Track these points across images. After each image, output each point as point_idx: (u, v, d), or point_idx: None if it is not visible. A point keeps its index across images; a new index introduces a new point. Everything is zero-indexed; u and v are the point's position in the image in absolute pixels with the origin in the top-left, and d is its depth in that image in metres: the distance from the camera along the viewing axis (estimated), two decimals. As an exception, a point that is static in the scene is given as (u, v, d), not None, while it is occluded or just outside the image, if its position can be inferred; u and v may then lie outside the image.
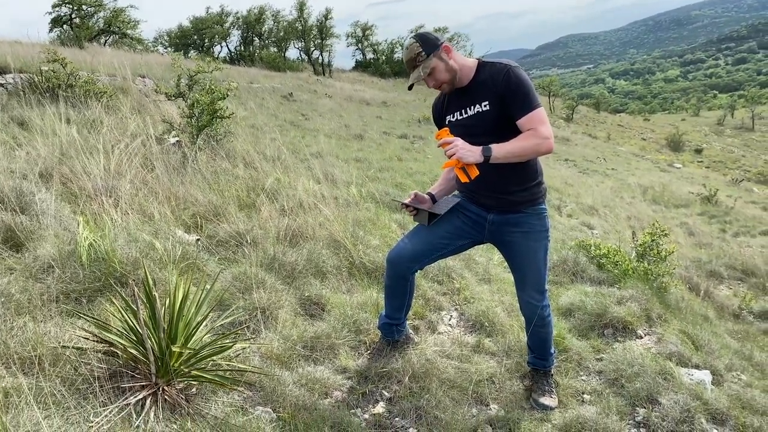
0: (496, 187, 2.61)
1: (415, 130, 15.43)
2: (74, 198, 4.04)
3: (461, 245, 2.83)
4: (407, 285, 2.91)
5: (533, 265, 2.72)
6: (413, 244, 2.78)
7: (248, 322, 3.03)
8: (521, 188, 2.62)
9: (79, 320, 2.59)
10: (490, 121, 2.47)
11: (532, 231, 2.67)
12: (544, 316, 2.82)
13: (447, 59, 2.45)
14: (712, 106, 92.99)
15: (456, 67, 2.48)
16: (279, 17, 42.19)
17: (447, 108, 2.66)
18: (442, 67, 2.45)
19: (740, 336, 4.93)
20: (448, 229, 2.75)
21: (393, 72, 44.07)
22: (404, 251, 2.78)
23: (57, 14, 26.65)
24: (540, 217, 2.68)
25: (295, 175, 5.77)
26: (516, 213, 2.65)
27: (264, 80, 19.49)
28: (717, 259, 7.85)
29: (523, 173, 2.60)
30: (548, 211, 2.80)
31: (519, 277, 2.80)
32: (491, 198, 2.66)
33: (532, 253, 2.70)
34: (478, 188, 2.65)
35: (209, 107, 6.00)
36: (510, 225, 2.67)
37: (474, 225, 2.74)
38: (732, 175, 30.20)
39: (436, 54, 2.43)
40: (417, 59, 2.43)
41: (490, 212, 2.69)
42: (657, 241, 5.13)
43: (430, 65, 2.43)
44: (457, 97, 2.58)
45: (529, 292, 2.78)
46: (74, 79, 7.05)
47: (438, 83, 2.50)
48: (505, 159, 2.36)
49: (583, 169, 17.97)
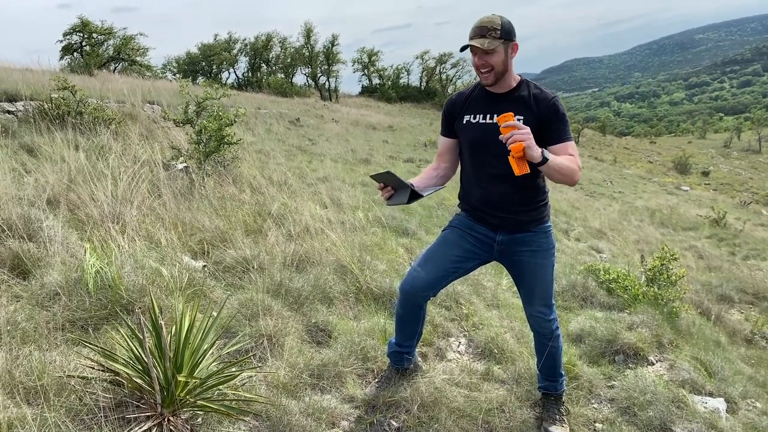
0: (505, 206, 2.60)
1: (421, 154, 15.48)
2: (81, 225, 4.04)
3: (471, 267, 2.81)
4: (420, 313, 2.88)
5: (541, 281, 2.72)
6: (426, 272, 2.73)
7: (255, 349, 3.00)
8: (529, 208, 2.62)
9: (84, 349, 2.57)
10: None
11: (540, 249, 2.67)
12: (552, 329, 2.82)
13: (510, 55, 2.46)
14: (718, 129, 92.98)
15: (509, 67, 2.48)
16: (286, 44, 42.76)
17: (468, 108, 2.62)
18: (502, 56, 2.43)
19: (754, 361, 4.85)
20: (458, 253, 2.74)
21: (399, 97, 44.47)
22: (418, 281, 2.73)
23: (68, 42, 27.10)
24: (547, 235, 2.69)
25: (301, 200, 5.78)
26: (524, 232, 2.65)
27: (271, 106, 19.66)
28: (727, 282, 7.76)
29: (533, 192, 2.60)
30: (554, 232, 2.80)
31: (526, 293, 2.80)
32: (499, 217, 2.65)
33: (541, 270, 2.70)
34: (487, 207, 2.65)
35: (217, 133, 6.04)
36: (518, 244, 2.67)
37: (482, 246, 2.73)
38: (740, 198, 30.06)
39: (506, 43, 2.43)
40: (490, 32, 2.40)
41: (498, 232, 2.68)
42: (667, 266, 5.08)
43: (495, 45, 2.40)
44: (487, 101, 2.56)
45: (536, 306, 2.78)
46: (84, 106, 7.13)
47: (488, 66, 2.45)
48: (552, 170, 2.33)
49: (590, 192, 17.93)
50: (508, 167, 2.34)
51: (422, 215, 6.94)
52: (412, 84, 48.44)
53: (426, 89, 47.08)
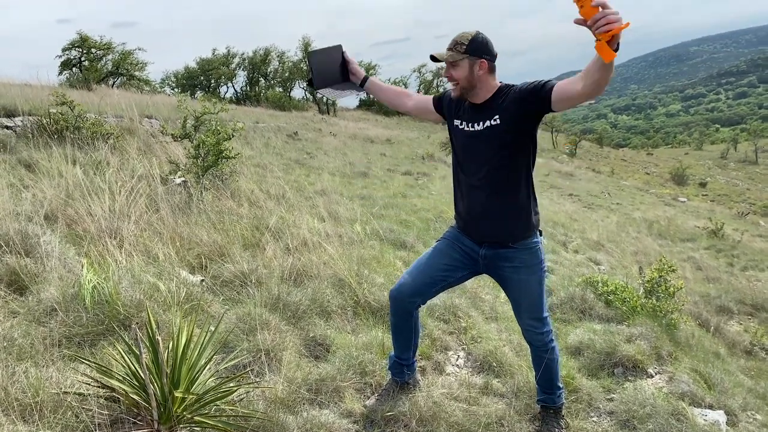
0: (487, 217, 2.62)
1: (419, 167, 15.50)
2: (79, 240, 4.04)
3: (461, 276, 2.84)
4: (411, 321, 2.90)
5: (527, 296, 2.74)
6: (413, 278, 2.80)
7: (252, 364, 2.99)
8: (510, 221, 2.61)
9: (81, 365, 2.56)
10: (500, 134, 2.48)
11: (523, 266, 2.67)
12: (545, 342, 2.82)
13: (475, 70, 2.47)
14: (715, 140, 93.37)
15: (476, 83, 2.50)
16: (284, 58, 42.92)
17: (460, 113, 2.66)
18: (465, 71, 2.47)
19: (753, 373, 4.84)
20: (447, 262, 2.77)
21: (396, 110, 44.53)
22: (405, 286, 2.80)
23: (67, 57, 27.22)
24: (531, 252, 2.67)
25: (299, 214, 5.78)
26: (506, 248, 2.65)
27: (269, 119, 19.70)
28: (726, 293, 7.75)
29: (515, 205, 2.59)
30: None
31: (515, 307, 2.84)
32: (481, 229, 2.66)
33: (525, 286, 2.71)
34: (470, 217, 2.68)
35: (215, 148, 6.05)
36: (501, 260, 2.68)
37: (469, 258, 2.76)
38: (737, 209, 30.07)
39: (472, 58, 2.46)
40: (457, 46, 2.46)
41: (482, 247, 2.69)
42: (665, 277, 5.08)
43: (458, 59, 2.46)
44: (473, 111, 2.60)
45: (525, 320, 2.80)
46: (82, 120, 7.15)
47: (451, 78, 2.52)
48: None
49: (588, 204, 17.95)
50: (489, 178, 2.48)
51: (420, 228, 6.94)
52: (410, 97, 48.57)
53: (423, 103, 47.25)
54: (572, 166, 31.51)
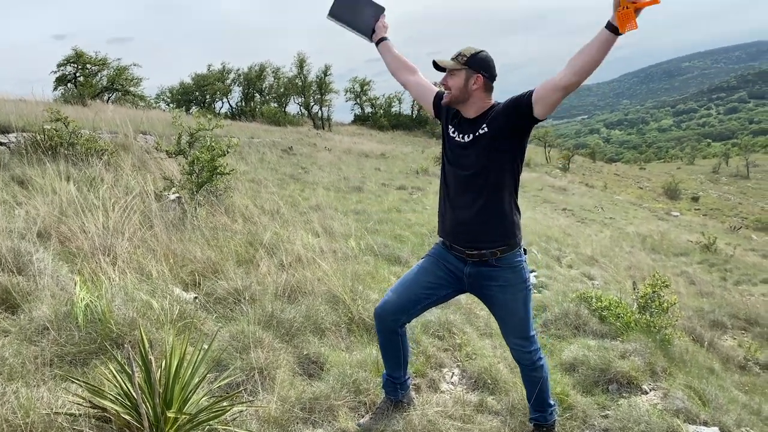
0: (471, 231, 2.63)
1: (413, 182, 15.53)
2: (72, 257, 4.02)
3: (445, 295, 2.84)
4: (398, 338, 2.89)
5: (512, 316, 2.74)
6: (397, 295, 2.80)
7: (246, 383, 2.97)
8: (493, 235, 2.61)
9: (72, 385, 2.54)
10: (487, 142, 2.52)
11: (508, 285, 2.67)
12: (533, 360, 2.82)
13: (470, 84, 2.55)
14: (707, 155, 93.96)
15: (468, 96, 2.57)
16: (279, 74, 43.15)
17: (454, 120, 2.70)
18: (461, 81, 2.55)
19: (748, 388, 4.84)
20: (431, 280, 2.78)
21: (391, 125, 44.86)
22: (388, 304, 2.80)
23: (62, 73, 27.28)
24: (515, 271, 2.67)
25: (293, 229, 5.78)
26: (489, 267, 2.66)
27: (264, 135, 19.74)
28: (719, 308, 7.77)
29: (498, 219, 2.61)
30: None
31: (502, 327, 2.85)
32: (467, 233, 2.65)
33: (511, 305, 2.71)
34: (455, 231, 2.68)
35: (209, 164, 6.06)
36: (485, 278, 2.68)
37: (454, 277, 2.76)
38: (730, 223, 30.24)
39: (470, 71, 2.54)
40: (459, 57, 2.55)
41: (467, 265, 2.70)
42: (658, 293, 5.09)
43: (457, 69, 2.55)
44: (465, 123, 2.64)
45: (512, 339, 2.81)
46: (76, 137, 7.14)
47: (447, 86, 2.59)
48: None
49: (581, 219, 18.00)
50: (474, 186, 2.52)
51: (414, 243, 6.94)
52: (404, 112, 48.92)
53: (417, 117, 47.53)
54: (565, 180, 31.62)
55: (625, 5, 2.02)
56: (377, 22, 2.90)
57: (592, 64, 2.23)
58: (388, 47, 2.93)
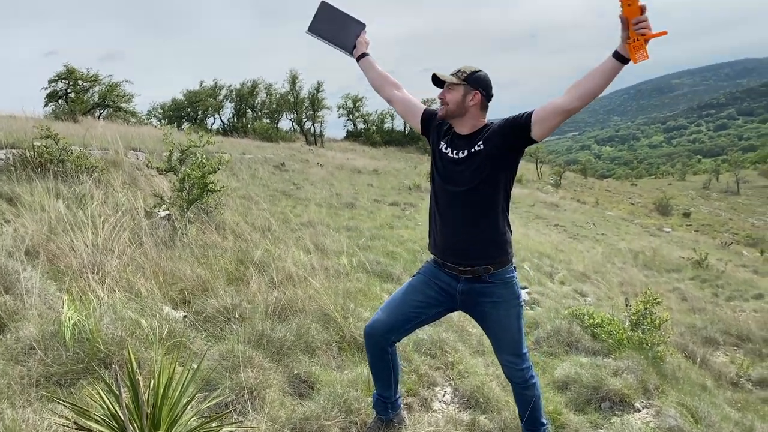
0: (465, 246, 2.63)
1: (405, 198, 15.55)
2: (61, 275, 3.98)
3: (436, 313, 2.83)
4: (388, 357, 2.87)
5: (506, 333, 2.74)
6: (387, 314, 2.78)
7: (235, 403, 2.94)
8: (486, 250, 2.62)
9: (59, 406, 2.50)
10: (482, 160, 2.53)
11: (501, 301, 2.67)
12: (526, 378, 2.82)
13: (467, 99, 2.58)
14: (697, 171, 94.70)
15: (464, 112, 2.60)
16: (272, 90, 43.24)
17: (446, 136, 2.71)
18: (459, 97, 2.58)
19: (740, 405, 4.83)
20: (421, 299, 2.77)
21: (383, 141, 45.03)
22: (378, 323, 2.79)
23: (53, 89, 27.21)
24: (508, 287, 2.68)
25: (285, 246, 5.75)
26: (483, 283, 2.65)
27: (256, 151, 19.75)
28: (711, 324, 7.79)
29: (495, 223, 2.61)
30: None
31: (494, 343, 2.84)
32: (460, 248, 2.65)
33: (504, 321, 2.71)
34: (448, 239, 2.68)
35: (200, 181, 6.04)
36: (479, 295, 2.68)
37: (445, 294, 2.75)
38: (721, 239, 30.39)
39: (468, 88, 2.58)
40: (459, 73, 2.60)
41: (460, 281, 2.69)
42: (650, 309, 5.09)
43: (456, 85, 2.59)
44: (458, 139, 2.66)
45: (505, 356, 2.81)
46: (66, 153, 7.10)
47: (445, 100, 2.62)
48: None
49: (573, 235, 18.05)
50: (467, 202, 2.52)
51: (407, 260, 6.93)
52: (397, 128, 49.09)
53: (410, 134, 47.68)
54: (557, 196, 31.78)
55: (635, 38, 2.12)
56: (358, 37, 2.93)
57: (596, 90, 2.31)
58: (370, 63, 2.94)
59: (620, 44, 2.19)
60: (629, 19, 2.11)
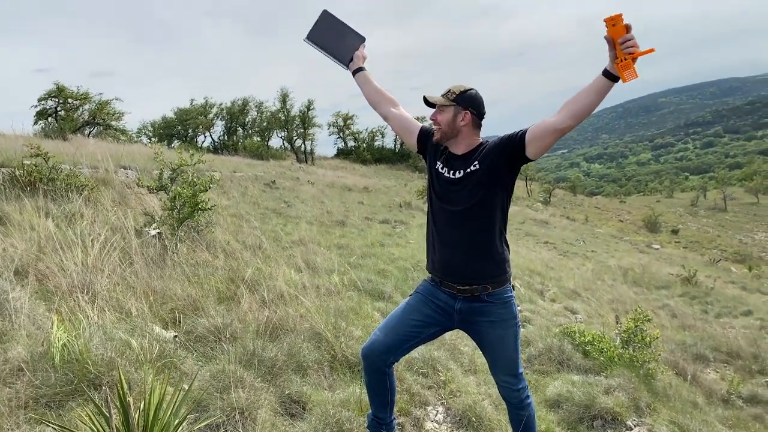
0: (463, 265, 2.63)
1: (396, 215, 15.58)
2: (50, 295, 3.95)
3: (433, 333, 2.82)
4: (385, 379, 2.85)
5: (503, 352, 2.73)
6: (385, 335, 2.76)
7: (226, 424, 2.91)
8: (485, 270, 2.62)
9: (47, 429, 2.47)
10: (478, 179, 2.54)
11: (499, 320, 2.66)
12: (521, 398, 2.80)
13: (458, 119, 2.59)
14: (685, 188, 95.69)
15: (456, 132, 2.61)
16: (262, 108, 43.44)
17: (442, 156, 2.70)
18: (449, 117, 2.59)
19: (731, 423, 4.85)
20: (419, 318, 2.75)
21: (374, 159, 45.21)
22: (376, 344, 2.76)
23: (43, 107, 27.12)
24: (506, 306, 2.67)
25: (276, 265, 5.74)
26: (481, 302, 2.65)
27: (247, 168, 19.74)
28: (702, 341, 7.82)
29: (493, 242, 2.61)
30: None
31: (491, 362, 2.82)
32: (458, 267, 2.64)
33: (500, 341, 2.70)
34: (446, 258, 2.67)
35: (191, 200, 6.03)
36: (477, 314, 2.67)
37: (443, 313, 2.73)
38: (709, 255, 30.64)
39: (458, 108, 2.58)
40: (449, 93, 2.60)
41: (458, 300, 2.68)
42: (641, 327, 5.12)
43: (446, 105, 2.59)
44: (453, 159, 2.66)
45: (501, 376, 2.79)
46: (56, 172, 7.07)
47: (436, 121, 2.63)
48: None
49: (564, 252, 18.13)
50: (465, 221, 2.52)
51: (398, 278, 6.93)
52: (387, 146, 49.37)
53: (400, 151, 47.96)
54: (547, 213, 31.94)
55: (623, 57, 2.13)
56: (356, 51, 2.89)
57: (589, 108, 2.32)
58: (366, 77, 2.91)
59: (609, 63, 2.21)
60: (615, 39, 2.13)
